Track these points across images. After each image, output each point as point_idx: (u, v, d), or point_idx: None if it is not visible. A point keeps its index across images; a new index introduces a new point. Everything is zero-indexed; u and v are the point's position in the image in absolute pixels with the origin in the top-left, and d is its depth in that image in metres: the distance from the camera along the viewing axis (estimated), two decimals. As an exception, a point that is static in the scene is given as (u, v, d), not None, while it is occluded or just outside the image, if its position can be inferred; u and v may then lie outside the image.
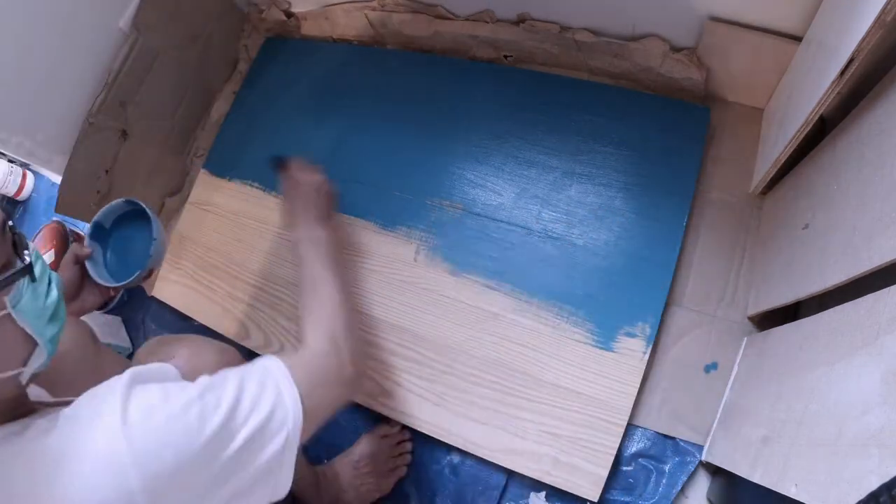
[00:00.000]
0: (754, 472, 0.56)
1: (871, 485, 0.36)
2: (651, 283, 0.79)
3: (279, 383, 0.50)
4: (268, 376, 0.50)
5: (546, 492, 0.77)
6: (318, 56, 1.10)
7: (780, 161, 0.70)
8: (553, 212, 0.86)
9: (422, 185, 0.94)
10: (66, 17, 0.89)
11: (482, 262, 0.87)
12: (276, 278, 0.97)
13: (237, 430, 0.46)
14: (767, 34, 0.73)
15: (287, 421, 0.49)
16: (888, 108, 0.51)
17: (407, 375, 0.85)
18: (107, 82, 0.95)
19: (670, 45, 0.83)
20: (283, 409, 0.49)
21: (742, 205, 0.82)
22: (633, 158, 0.85)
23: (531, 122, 0.91)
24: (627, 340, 0.78)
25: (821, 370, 0.51)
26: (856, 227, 0.51)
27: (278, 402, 0.49)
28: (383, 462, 0.83)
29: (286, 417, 0.49)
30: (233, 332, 0.97)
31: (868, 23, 0.48)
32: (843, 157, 0.58)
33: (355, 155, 1.00)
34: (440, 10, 0.97)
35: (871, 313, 0.45)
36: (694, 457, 0.74)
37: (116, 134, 0.99)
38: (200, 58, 1.09)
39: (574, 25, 0.88)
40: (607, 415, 0.75)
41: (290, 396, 0.50)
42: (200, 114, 1.16)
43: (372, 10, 1.01)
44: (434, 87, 0.99)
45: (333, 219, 0.82)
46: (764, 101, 0.83)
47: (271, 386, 0.50)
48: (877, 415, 0.39)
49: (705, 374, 0.76)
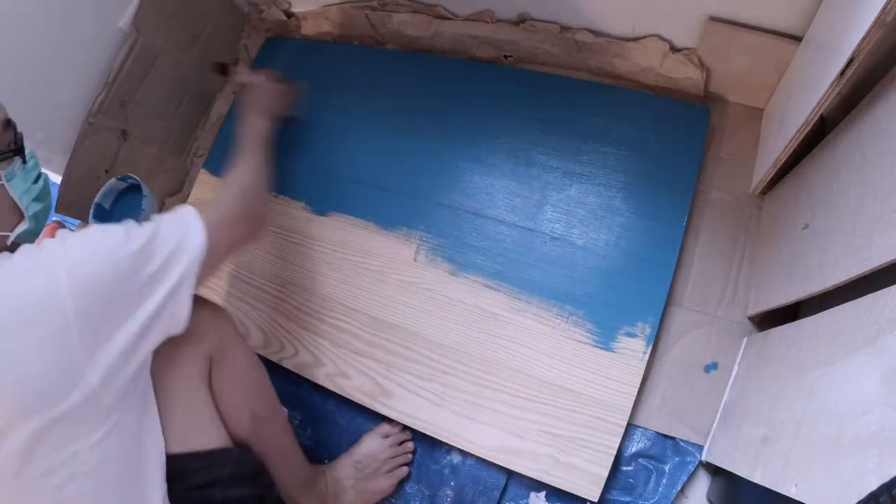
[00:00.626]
0: (754, 472, 0.56)
1: (871, 485, 0.36)
2: (651, 283, 0.79)
3: (188, 222, 0.61)
4: (180, 216, 0.61)
5: (546, 492, 0.77)
6: (318, 56, 1.10)
7: (780, 161, 0.70)
8: (553, 212, 0.86)
9: (422, 185, 0.94)
10: (67, 17, 0.89)
11: (482, 262, 0.87)
12: (276, 278, 0.97)
13: (154, 252, 0.56)
14: (767, 34, 0.73)
15: (192, 248, 0.59)
16: (888, 108, 0.51)
17: (407, 375, 0.85)
18: (107, 82, 0.95)
19: (670, 45, 0.83)
20: (186, 242, 0.59)
21: (742, 205, 0.82)
22: (633, 158, 0.85)
23: (531, 122, 0.91)
24: (627, 340, 0.78)
25: (821, 370, 0.51)
26: (856, 227, 0.51)
27: (184, 238, 0.59)
28: (385, 462, 0.83)
29: (191, 244, 0.59)
30: (233, 332, 0.97)
31: (868, 23, 0.48)
32: (843, 157, 0.58)
33: (355, 155, 1.00)
34: (440, 10, 0.97)
35: (871, 313, 0.45)
36: (694, 457, 0.74)
37: (116, 134, 0.99)
38: (200, 58, 1.09)
39: (574, 25, 0.88)
40: (607, 415, 0.75)
41: (195, 233, 0.60)
42: (200, 114, 1.16)
43: (372, 10, 1.01)
44: (434, 87, 0.99)
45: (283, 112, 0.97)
46: (764, 101, 0.83)
47: (182, 225, 0.60)
48: (877, 415, 0.39)
49: (705, 374, 0.76)
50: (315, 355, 0.90)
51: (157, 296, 0.56)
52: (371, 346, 0.88)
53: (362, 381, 0.86)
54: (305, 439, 0.90)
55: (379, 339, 0.88)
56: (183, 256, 0.58)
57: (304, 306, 0.94)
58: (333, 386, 0.88)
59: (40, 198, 0.58)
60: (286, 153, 1.05)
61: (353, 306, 0.91)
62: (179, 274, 0.58)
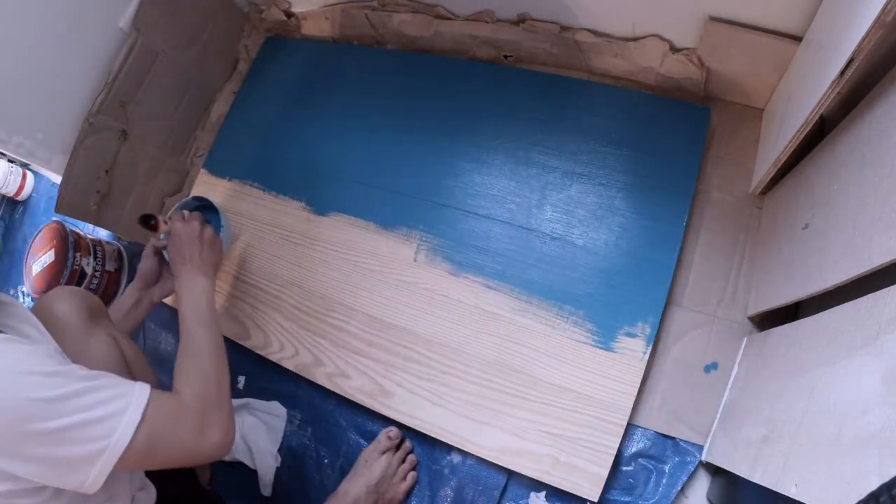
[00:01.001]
0: (754, 472, 0.56)
1: (871, 485, 0.36)
2: (651, 283, 0.79)
3: (130, 403, 0.53)
4: (126, 394, 0.53)
5: (546, 492, 0.77)
6: (318, 56, 1.11)
7: (780, 161, 0.70)
8: (553, 212, 0.86)
9: (422, 185, 0.94)
10: (67, 17, 0.89)
11: (482, 262, 0.87)
12: (276, 278, 0.97)
13: (58, 415, 0.49)
14: (767, 34, 0.73)
15: (112, 436, 0.51)
16: (888, 108, 0.51)
17: (407, 375, 0.85)
18: (107, 82, 0.95)
19: (670, 45, 0.83)
20: (114, 424, 0.51)
21: (742, 205, 0.82)
22: (633, 158, 0.85)
23: (531, 122, 0.91)
24: (627, 340, 0.78)
25: (821, 370, 0.51)
26: (856, 227, 0.51)
27: (115, 416, 0.52)
28: (395, 475, 0.82)
29: (113, 433, 0.51)
30: (233, 332, 0.97)
31: (868, 23, 0.48)
32: (843, 157, 0.58)
33: (355, 155, 1.00)
34: (440, 10, 0.97)
35: (871, 313, 0.45)
36: (694, 457, 0.74)
37: (116, 134, 0.99)
38: (200, 58, 1.09)
39: (574, 25, 0.88)
40: (607, 415, 0.75)
41: (129, 418, 0.52)
42: (200, 114, 1.16)
43: (372, 10, 1.01)
44: (434, 87, 0.99)
45: (217, 267, 0.83)
46: (764, 101, 0.83)
47: (121, 402, 0.53)
48: (877, 415, 0.39)
49: (705, 374, 0.76)
50: (315, 355, 0.90)
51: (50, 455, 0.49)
52: (371, 346, 0.88)
53: (362, 381, 0.86)
54: (305, 439, 0.90)
55: (379, 339, 0.88)
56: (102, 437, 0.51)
57: (304, 306, 0.94)
58: (333, 386, 0.88)
59: None
60: (286, 153, 1.06)
61: (353, 306, 0.91)
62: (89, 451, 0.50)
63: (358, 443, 0.87)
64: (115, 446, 0.51)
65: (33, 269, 1.09)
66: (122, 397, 0.53)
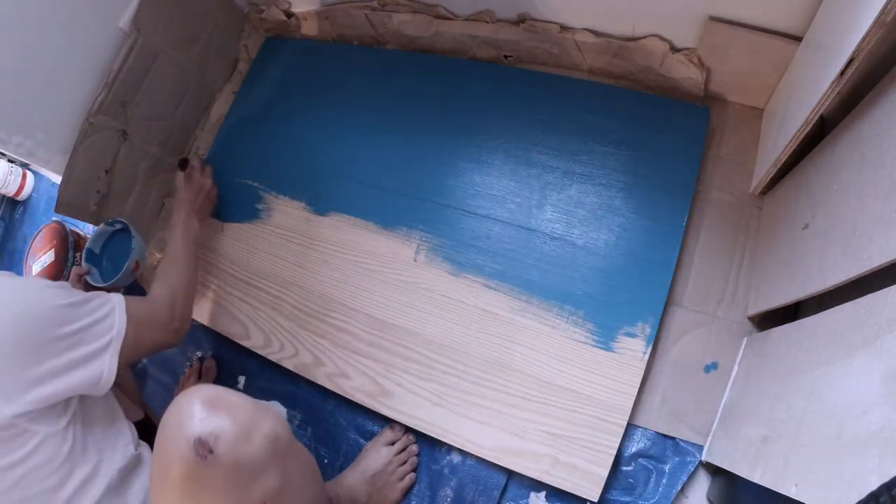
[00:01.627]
0: (754, 472, 0.56)
1: (871, 485, 0.36)
2: (651, 283, 0.79)
3: (114, 306, 0.68)
4: (108, 300, 0.68)
5: (546, 492, 0.77)
6: (318, 56, 1.11)
7: (780, 161, 0.70)
8: (553, 212, 0.86)
9: (422, 185, 0.94)
10: (67, 17, 0.89)
11: (482, 262, 0.87)
12: (276, 278, 0.97)
13: (76, 317, 0.63)
14: (767, 34, 0.73)
15: (113, 330, 0.66)
16: (888, 108, 0.51)
17: (407, 375, 0.85)
18: (107, 82, 0.95)
19: (670, 45, 0.83)
20: (111, 321, 0.67)
21: (742, 205, 0.82)
22: (633, 158, 0.85)
23: (531, 122, 0.91)
24: (627, 340, 0.78)
25: (821, 370, 0.51)
26: (856, 227, 0.51)
27: (109, 315, 0.67)
28: (395, 472, 0.82)
29: (112, 327, 0.66)
30: (233, 332, 0.97)
31: (868, 23, 0.48)
32: (843, 157, 0.58)
33: (355, 155, 1.00)
34: (440, 10, 0.97)
35: (871, 313, 0.45)
36: (694, 457, 0.74)
37: (116, 134, 0.99)
38: (200, 58, 1.09)
39: (574, 25, 0.88)
40: (607, 415, 0.75)
41: (119, 316, 0.67)
42: (200, 114, 1.16)
43: (372, 10, 1.01)
44: (434, 87, 0.99)
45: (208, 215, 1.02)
46: (764, 101, 0.83)
47: (108, 306, 0.68)
48: (877, 415, 0.39)
49: (705, 374, 0.76)
50: (315, 355, 0.90)
51: (74, 353, 0.62)
52: (371, 346, 0.88)
53: (362, 381, 0.86)
54: (305, 439, 0.90)
55: (379, 339, 0.88)
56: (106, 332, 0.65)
57: (304, 306, 0.94)
58: (333, 386, 0.88)
59: None
60: (286, 153, 1.06)
61: (353, 306, 0.91)
62: (101, 344, 0.65)
63: (358, 443, 0.87)
64: (117, 337, 0.66)
65: (33, 269, 1.09)
66: (107, 302, 0.68)
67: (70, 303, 0.63)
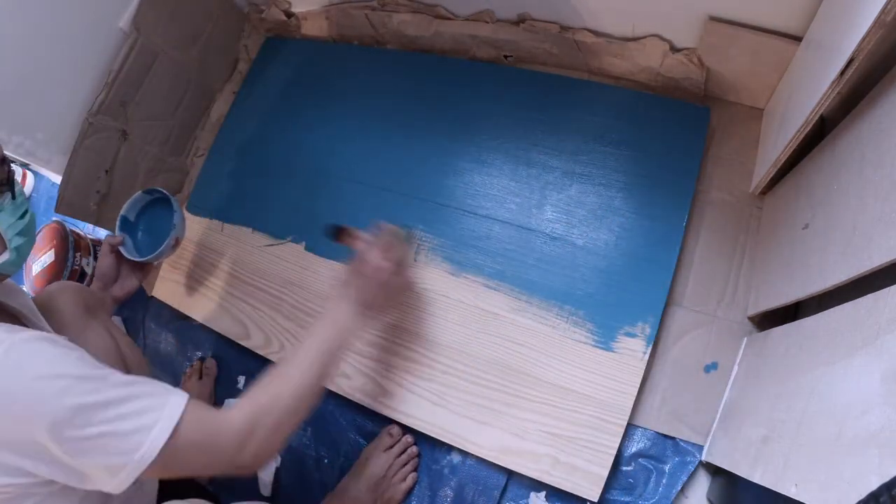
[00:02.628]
0: (754, 472, 0.56)
1: (871, 485, 0.36)
2: (651, 283, 0.79)
3: (162, 416, 0.50)
4: (158, 408, 0.50)
5: (546, 492, 0.77)
6: (318, 56, 1.11)
7: (780, 161, 0.70)
8: (553, 212, 0.86)
9: (422, 185, 0.94)
10: (67, 17, 0.89)
11: (482, 262, 0.87)
12: (276, 278, 0.97)
13: (89, 424, 0.47)
14: (767, 34, 0.73)
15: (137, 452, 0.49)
16: (888, 108, 0.51)
17: (407, 375, 0.85)
18: (107, 82, 0.95)
19: (670, 45, 0.83)
20: (141, 438, 0.49)
21: (742, 205, 0.82)
22: (633, 158, 0.85)
23: (531, 122, 0.91)
24: (627, 340, 0.78)
25: (821, 370, 0.51)
26: (856, 227, 0.51)
27: (143, 430, 0.49)
28: (396, 475, 0.82)
29: (139, 448, 0.49)
30: (233, 332, 0.97)
31: (868, 23, 0.48)
32: (843, 157, 0.58)
33: (355, 155, 1.00)
34: (440, 10, 0.97)
35: (871, 313, 0.45)
36: (694, 457, 0.74)
37: (116, 134, 0.99)
38: (200, 58, 1.09)
39: (574, 25, 0.88)
40: (607, 415, 0.75)
41: (158, 433, 0.49)
42: (200, 114, 1.16)
43: (372, 10, 1.01)
44: (434, 87, 0.99)
45: (383, 311, 0.73)
46: (764, 101, 0.83)
47: (153, 414, 0.50)
48: (877, 415, 0.39)
49: (705, 374, 0.76)
50: (315, 355, 0.90)
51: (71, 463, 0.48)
52: (371, 346, 0.88)
53: (362, 381, 0.86)
54: (305, 439, 0.90)
55: (379, 338, 0.88)
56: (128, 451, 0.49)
57: (304, 306, 0.94)
58: (333, 386, 0.88)
59: (24, 233, 0.59)
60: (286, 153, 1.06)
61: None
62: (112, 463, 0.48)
63: (358, 443, 0.87)
64: (139, 462, 0.49)
65: (33, 269, 1.09)
66: (153, 410, 0.50)
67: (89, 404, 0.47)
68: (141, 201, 0.94)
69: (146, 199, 0.95)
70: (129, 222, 0.94)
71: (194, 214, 1.08)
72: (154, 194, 0.94)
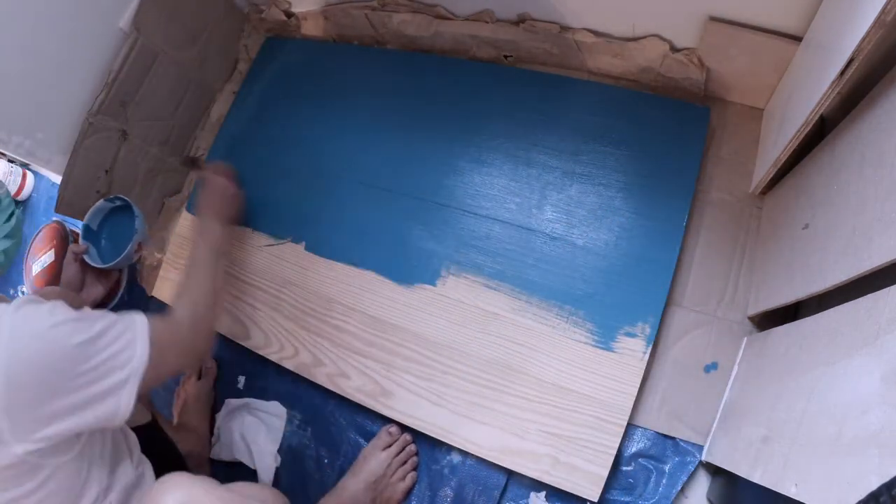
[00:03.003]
0: (754, 472, 0.56)
1: (871, 485, 0.36)
2: (651, 283, 0.79)
3: (136, 333, 0.63)
4: (131, 325, 0.63)
5: (546, 492, 0.77)
6: (318, 56, 1.10)
7: (780, 161, 0.70)
8: (553, 212, 0.86)
9: (421, 185, 0.94)
10: (67, 17, 0.89)
11: (482, 262, 0.87)
12: (276, 277, 0.97)
13: (94, 353, 0.58)
14: (767, 34, 0.73)
15: (132, 362, 0.61)
16: (888, 108, 0.51)
17: (407, 375, 0.85)
18: (107, 82, 0.95)
19: (670, 45, 0.83)
20: (131, 352, 0.61)
21: (742, 205, 0.82)
22: (633, 158, 0.85)
23: (531, 122, 0.91)
24: (627, 340, 0.78)
25: (821, 370, 0.51)
26: (856, 227, 0.51)
27: (130, 346, 0.61)
28: (395, 474, 0.82)
29: (132, 358, 0.61)
30: (233, 332, 0.97)
31: (868, 23, 0.48)
32: (843, 157, 0.58)
33: (355, 154, 1.00)
34: (440, 10, 0.97)
35: (871, 313, 0.45)
36: (694, 457, 0.74)
37: (116, 134, 0.99)
38: (200, 58, 1.09)
39: (574, 25, 0.88)
40: (607, 415, 0.75)
41: (140, 345, 0.62)
42: (200, 114, 1.16)
43: (372, 10, 1.01)
44: (434, 87, 0.99)
45: (234, 221, 0.96)
46: (764, 101, 0.83)
47: (130, 333, 0.62)
48: (877, 415, 0.39)
49: (705, 374, 0.76)
50: (315, 355, 0.90)
51: (91, 391, 0.57)
52: (371, 346, 0.88)
53: (362, 381, 0.86)
54: (305, 439, 0.90)
55: (379, 338, 0.88)
56: (125, 365, 0.60)
57: (304, 306, 0.94)
58: (333, 386, 0.88)
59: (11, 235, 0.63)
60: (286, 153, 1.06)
61: (353, 306, 0.91)
62: (119, 379, 0.59)
63: (358, 443, 0.87)
64: (136, 369, 0.61)
65: (33, 269, 1.09)
66: (129, 329, 0.62)
67: (89, 338, 0.58)
68: (103, 210, 0.97)
69: (108, 206, 0.97)
70: (91, 231, 0.96)
71: (194, 214, 1.08)
72: (115, 202, 0.96)
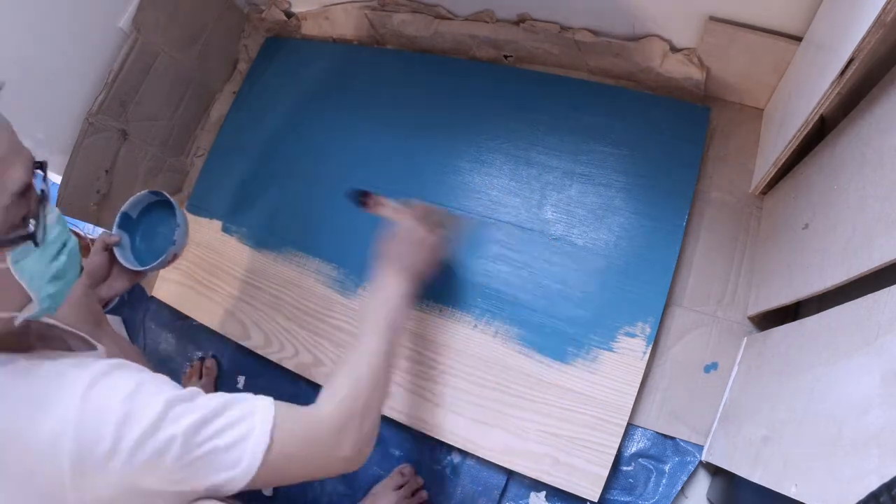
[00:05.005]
0: (754, 472, 0.56)
1: (871, 485, 0.36)
2: (651, 283, 0.79)
3: (253, 428, 0.48)
4: (248, 417, 0.49)
5: (546, 492, 0.77)
6: (318, 56, 1.10)
7: (780, 161, 0.70)
8: (553, 212, 0.86)
9: (422, 184, 0.94)
10: (67, 17, 0.89)
11: (482, 262, 0.86)
12: (276, 278, 0.97)
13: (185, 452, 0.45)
14: (767, 34, 0.73)
15: (239, 465, 0.47)
16: (888, 108, 0.51)
17: (407, 375, 0.85)
18: (107, 82, 0.95)
19: (670, 45, 0.83)
20: (238, 454, 0.47)
21: (742, 205, 0.82)
22: (633, 158, 0.85)
23: (531, 122, 0.91)
24: (627, 340, 0.78)
25: (821, 370, 0.51)
26: (856, 227, 0.51)
27: (241, 442, 0.47)
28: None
29: (239, 462, 0.47)
30: (233, 333, 0.97)
31: (868, 23, 0.48)
32: (843, 157, 0.58)
33: (355, 154, 1.00)
34: (440, 10, 0.97)
35: (871, 313, 0.46)
36: (694, 457, 0.74)
37: (116, 134, 0.99)
38: (200, 58, 1.09)
39: (574, 25, 0.88)
40: (607, 415, 0.75)
41: (255, 445, 0.47)
42: (200, 114, 1.16)
43: (372, 10, 1.01)
44: (434, 87, 0.99)
45: (427, 276, 0.72)
46: (764, 101, 0.83)
47: (244, 425, 0.48)
48: (877, 415, 0.39)
49: (705, 374, 0.76)
50: (315, 355, 0.90)
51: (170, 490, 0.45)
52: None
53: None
54: (305, 439, 0.90)
55: (379, 339, 0.88)
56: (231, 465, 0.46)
57: (304, 306, 0.94)
58: (333, 386, 0.87)
59: (58, 278, 0.47)
60: (286, 153, 1.06)
61: (353, 306, 0.91)
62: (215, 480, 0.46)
63: (358, 443, 0.87)
64: (242, 476, 0.47)
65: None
66: (244, 420, 0.48)
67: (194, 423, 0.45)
68: (145, 200, 0.86)
69: (151, 199, 0.86)
70: (130, 220, 0.86)
71: (194, 214, 1.08)
72: (159, 196, 0.86)
